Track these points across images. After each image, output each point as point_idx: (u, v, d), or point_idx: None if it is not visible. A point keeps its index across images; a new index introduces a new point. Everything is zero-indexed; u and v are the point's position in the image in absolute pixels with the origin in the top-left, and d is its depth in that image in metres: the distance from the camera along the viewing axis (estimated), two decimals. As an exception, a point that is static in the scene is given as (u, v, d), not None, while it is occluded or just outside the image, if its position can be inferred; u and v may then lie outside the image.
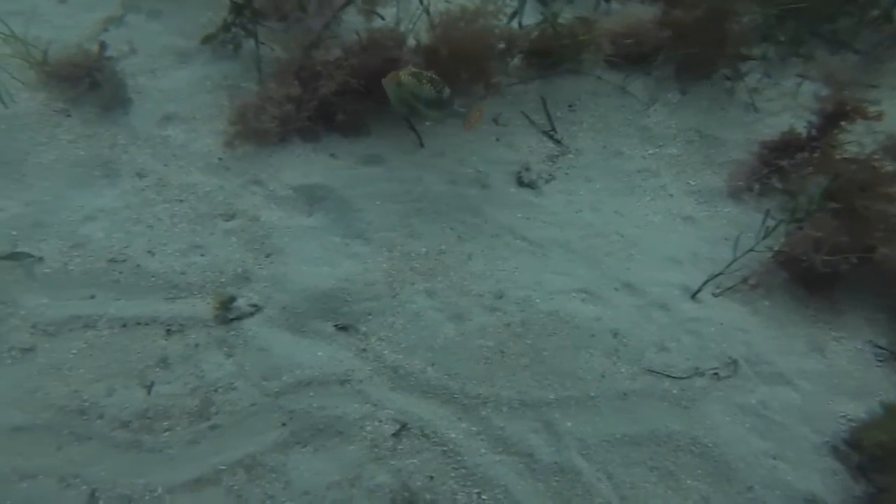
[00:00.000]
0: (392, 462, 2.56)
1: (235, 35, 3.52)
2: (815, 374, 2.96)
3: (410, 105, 3.12)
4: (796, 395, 2.90)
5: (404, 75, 3.07)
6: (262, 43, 3.46)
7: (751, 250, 3.15)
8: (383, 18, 3.56)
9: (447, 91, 3.12)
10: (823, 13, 4.24)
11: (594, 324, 2.98)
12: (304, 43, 3.40)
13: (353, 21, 3.61)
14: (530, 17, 3.85)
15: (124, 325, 2.77)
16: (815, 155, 3.58)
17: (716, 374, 2.92)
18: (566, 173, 3.53)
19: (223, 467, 2.49)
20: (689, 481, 2.66)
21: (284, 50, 3.44)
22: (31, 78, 3.32)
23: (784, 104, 3.98)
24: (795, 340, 3.07)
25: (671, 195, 3.56)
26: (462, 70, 3.50)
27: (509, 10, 3.68)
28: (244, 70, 3.56)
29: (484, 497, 2.53)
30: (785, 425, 2.80)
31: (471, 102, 3.38)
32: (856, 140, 3.53)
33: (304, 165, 3.28)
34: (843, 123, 3.55)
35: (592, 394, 2.81)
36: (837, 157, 3.53)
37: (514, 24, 3.74)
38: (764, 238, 3.14)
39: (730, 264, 3.16)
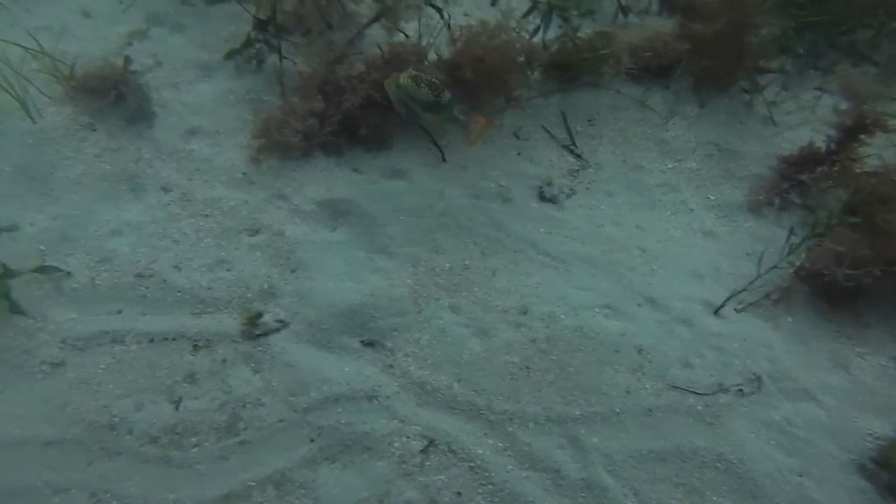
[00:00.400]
0: (420, 478, 2.57)
1: (259, 50, 3.54)
2: (840, 391, 2.97)
3: (408, 107, 3.14)
4: (821, 411, 2.91)
5: (404, 77, 3.11)
6: (286, 57, 3.48)
7: (774, 267, 3.16)
8: (407, 36, 3.58)
9: (447, 96, 3.15)
10: (842, 25, 4.25)
11: (618, 339, 2.99)
12: (327, 58, 3.42)
13: (375, 35, 3.63)
14: (550, 31, 3.86)
15: (152, 341, 2.78)
16: (835, 169, 3.59)
17: (740, 390, 2.93)
18: (587, 188, 3.54)
19: (252, 483, 2.50)
20: (714, 498, 2.67)
21: (307, 64, 3.46)
22: (58, 92, 3.34)
23: (803, 118, 3.99)
24: (819, 356, 3.08)
25: (691, 209, 3.57)
26: (483, 84, 3.52)
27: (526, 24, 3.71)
28: (267, 84, 3.58)
29: (511, 513, 2.54)
30: (810, 442, 2.81)
31: (471, 111, 3.37)
32: (876, 153, 3.54)
33: (327, 180, 3.30)
34: (862, 137, 3.55)
35: (618, 409, 2.82)
36: (857, 170, 3.54)
37: (536, 39, 3.74)
38: (788, 255, 3.15)
39: (753, 281, 3.17)
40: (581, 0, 3.74)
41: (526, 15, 3.62)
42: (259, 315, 2.86)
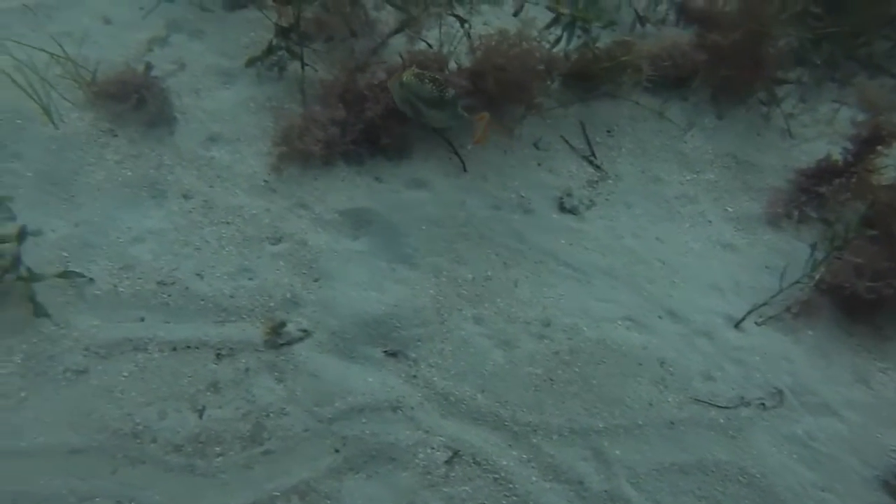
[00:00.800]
0: (445, 489, 2.58)
1: (280, 57, 3.54)
2: (862, 406, 2.98)
3: (412, 105, 3.15)
4: (843, 426, 2.91)
5: (407, 75, 3.11)
6: (307, 64, 3.48)
7: (797, 282, 3.17)
8: (430, 46, 3.59)
9: (451, 92, 3.15)
10: (860, 37, 4.26)
11: (641, 352, 3.00)
12: (349, 65, 3.42)
13: (396, 43, 3.64)
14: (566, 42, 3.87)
15: (174, 349, 2.78)
16: (853, 181, 3.60)
17: (762, 403, 2.93)
18: (606, 199, 3.55)
19: (277, 493, 2.50)
20: (737, 511, 2.67)
21: (329, 72, 3.47)
22: (79, 98, 3.34)
23: (820, 130, 4.00)
24: (840, 370, 3.09)
25: (710, 222, 3.58)
26: (504, 92, 3.52)
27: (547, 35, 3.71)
28: (288, 91, 3.58)
29: (536, 526, 2.55)
30: (832, 457, 2.81)
31: (478, 109, 3.35)
32: (893, 165, 3.55)
33: (349, 189, 3.31)
34: (879, 148, 3.56)
35: (640, 422, 2.82)
36: (874, 182, 3.54)
37: (555, 49, 3.75)
38: (812, 271, 3.16)
39: (775, 295, 3.18)
40: (602, 11, 3.75)
41: (549, 26, 3.63)
42: (282, 324, 2.86)
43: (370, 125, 3.37)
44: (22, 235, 2.78)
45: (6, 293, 2.73)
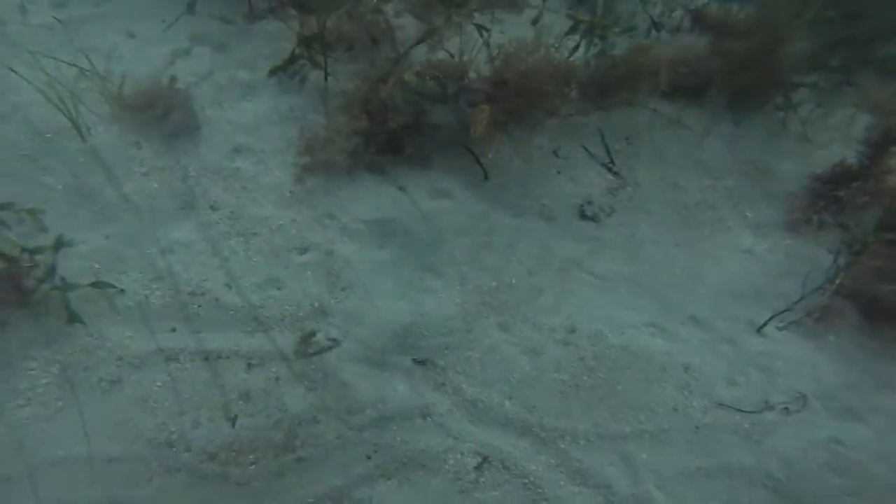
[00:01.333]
0: (475, 495, 2.61)
1: (302, 67, 3.59)
2: (887, 411, 3.00)
3: (416, 104, 3.18)
4: (869, 432, 2.94)
5: (408, 75, 3.15)
6: (329, 75, 3.53)
7: (819, 288, 3.20)
8: (452, 56, 3.62)
9: (453, 87, 3.19)
10: (873, 41, 4.29)
11: (665, 358, 3.03)
12: (371, 76, 3.46)
13: (416, 52, 3.67)
14: (586, 49, 3.91)
15: (206, 359, 2.82)
16: (870, 183, 3.63)
17: (786, 408, 2.96)
18: (626, 206, 3.59)
19: (311, 500, 2.54)
20: (764, 516, 2.70)
21: (350, 82, 3.51)
22: (105, 111, 3.39)
23: (837, 135, 4.04)
24: (864, 375, 3.11)
25: (729, 228, 3.62)
26: (523, 99, 3.55)
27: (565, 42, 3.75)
28: (310, 102, 3.63)
29: (566, 531, 2.58)
30: (859, 462, 2.84)
31: (477, 102, 3.38)
32: (909, 167, 3.58)
33: (373, 199, 3.35)
34: (893, 149, 3.59)
35: (666, 427, 2.86)
36: (891, 184, 3.57)
37: (575, 56, 3.78)
38: (835, 277, 3.19)
39: (798, 301, 3.21)
40: (619, 18, 3.79)
41: (567, 34, 3.67)
42: (312, 333, 2.90)
43: (393, 135, 3.41)
44: (58, 245, 2.83)
45: (42, 304, 2.77)
